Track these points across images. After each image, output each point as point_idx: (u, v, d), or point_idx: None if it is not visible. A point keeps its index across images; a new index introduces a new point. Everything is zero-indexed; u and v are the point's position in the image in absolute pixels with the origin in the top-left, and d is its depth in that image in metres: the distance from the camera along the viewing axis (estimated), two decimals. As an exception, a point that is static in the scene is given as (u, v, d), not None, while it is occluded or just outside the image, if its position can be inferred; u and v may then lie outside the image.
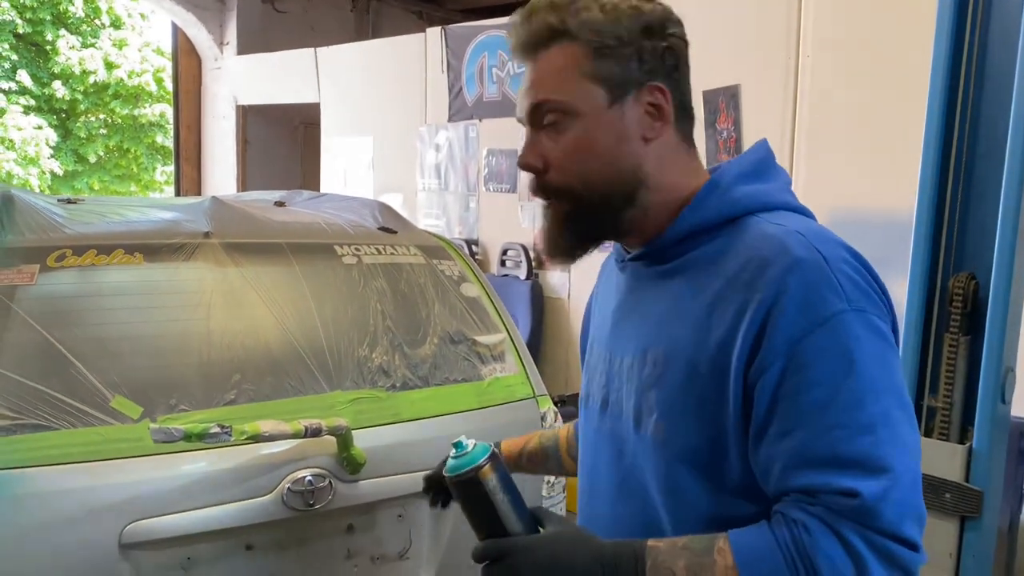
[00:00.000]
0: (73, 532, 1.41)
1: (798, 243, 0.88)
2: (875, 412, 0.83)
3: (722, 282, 0.91)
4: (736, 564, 0.83)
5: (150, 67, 13.38)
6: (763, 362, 0.85)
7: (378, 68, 5.63)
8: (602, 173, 0.96)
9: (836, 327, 0.84)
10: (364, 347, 1.79)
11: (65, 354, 1.51)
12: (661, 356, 0.95)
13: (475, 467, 0.92)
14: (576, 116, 0.95)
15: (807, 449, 0.83)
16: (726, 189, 0.96)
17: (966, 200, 1.78)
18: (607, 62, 0.94)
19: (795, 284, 0.85)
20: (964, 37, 1.76)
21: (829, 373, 0.83)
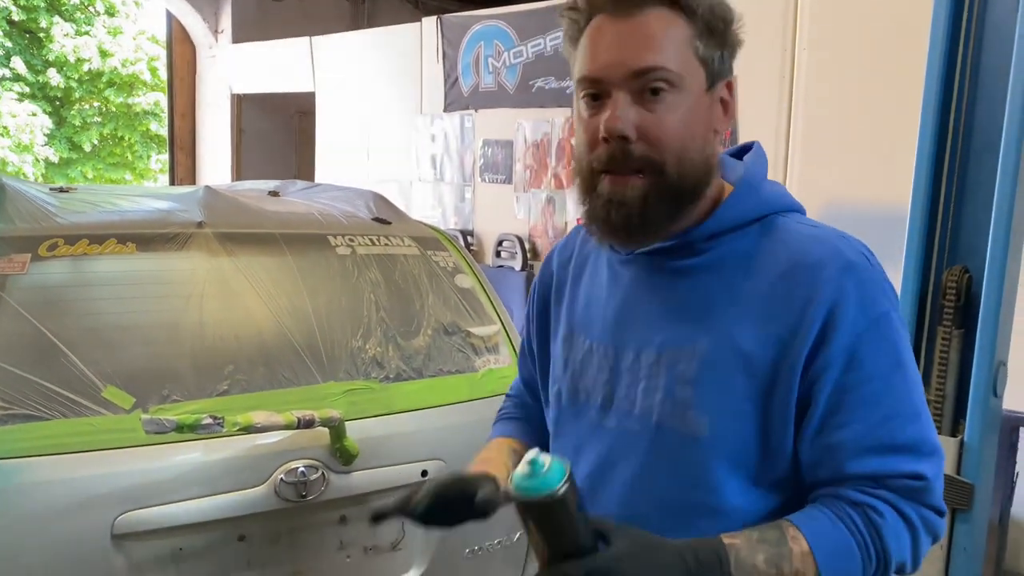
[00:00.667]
0: (65, 523, 1.41)
1: (847, 246, 0.93)
2: (917, 400, 0.92)
3: (772, 278, 0.92)
4: (812, 550, 0.86)
5: (144, 55, 13.31)
6: (827, 360, 0.89)
7: (374, 57, 5.61)
8: (693, 158, 0.92)
9: (885, 326, 0.91)
10: (358, 338, 1.79)
11: (57, 344, 1.51)
12: (703, 351, 0.93)
13: (562, 486, 0.79)
14: (682, 92, 0.91)
15: (869, 438, 0.89)
16: (757, 189, 0.98)
17: (960, 194, 1.78)
18: (711, 45, 0.93)
19: (851, 285, 0.90)
20: (960, 32, 1.76)
21: (882, 368, 0.90)
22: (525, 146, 4.66)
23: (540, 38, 4.51)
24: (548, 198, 4.56)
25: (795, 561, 0.86)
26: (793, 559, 0.86)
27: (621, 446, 0.99)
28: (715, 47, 0.93)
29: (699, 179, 0.93)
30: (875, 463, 0.89)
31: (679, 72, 0.90)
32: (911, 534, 0.90)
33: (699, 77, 0.92)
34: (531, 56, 4.58)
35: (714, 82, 0.94)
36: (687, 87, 0.91)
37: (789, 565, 0.86)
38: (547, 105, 4.50)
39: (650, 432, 0.96)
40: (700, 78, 0.92)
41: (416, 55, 5.24)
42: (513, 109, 4.69)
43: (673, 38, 0.90)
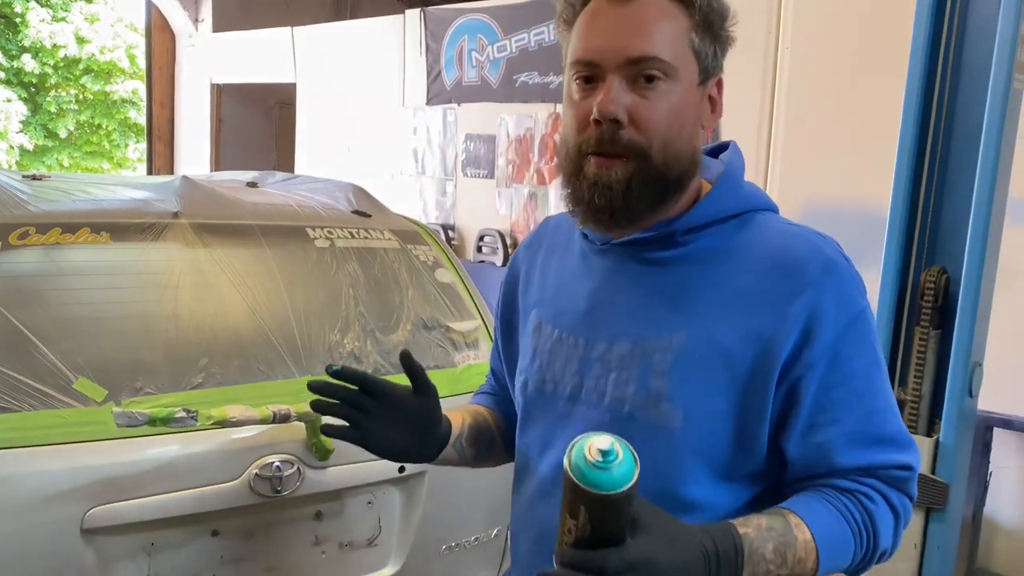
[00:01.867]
0: (33, 517, 1.38)
1: (826, 245, 0.95)
2: (892, 395, 0.96)
3: (753, 275, 0.93)
4: (814, 537, 0.89)
5: (122, 43, 13.14)
6: (811, 358, 0.91)
7: (356, 49, 5.57)
8: (681, 148, 0.93)
9: (863, 323, 0.93)
10: (336, 332, 1.77)
11: (27, 334, 1.48)
12: (680, 343, 0.93)
13: (633, 483, 0.76)
14: (675, 83, 0.91)
15: (858, 433, 0.92)
16: (738, 185, 0.99)
17: (939, 196, 1.79)
18: (706, 40, 0.93)
19: (832, 285, 0.91)
20: (941, 35, 1.77)
21: (863, 364, 0.93)
22: (508, 141, 4.64)
23: (524, 33, 4.50)
24: (530, 193, 4.55)
25: (799, 549, 0.88)
26: (797, 547, 0.88)
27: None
28: (710, 42, 0.93)
29: (684, 170, 0.94)
30: (866, 455, 0.92)
31: (674, 63, 0.90)
32: (895, 521, 0.94)
33: (692, 70, 0.92)
34: (515, 51, 4.56)
35: (706, 77, 0.94)
36: (680, 78, 0.91)
37: (793, 553, 0.87)
38: (530, 100, 4.49)
39: (621, 422, 0.95)
40: (693, 71, 0.92)
41: (399, 48, 5.21)
42: (496, 104, 4.68)
43: (670, 28, 0.90)
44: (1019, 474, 2.84)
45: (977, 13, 1.74)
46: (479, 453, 1.20)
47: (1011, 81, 1.67)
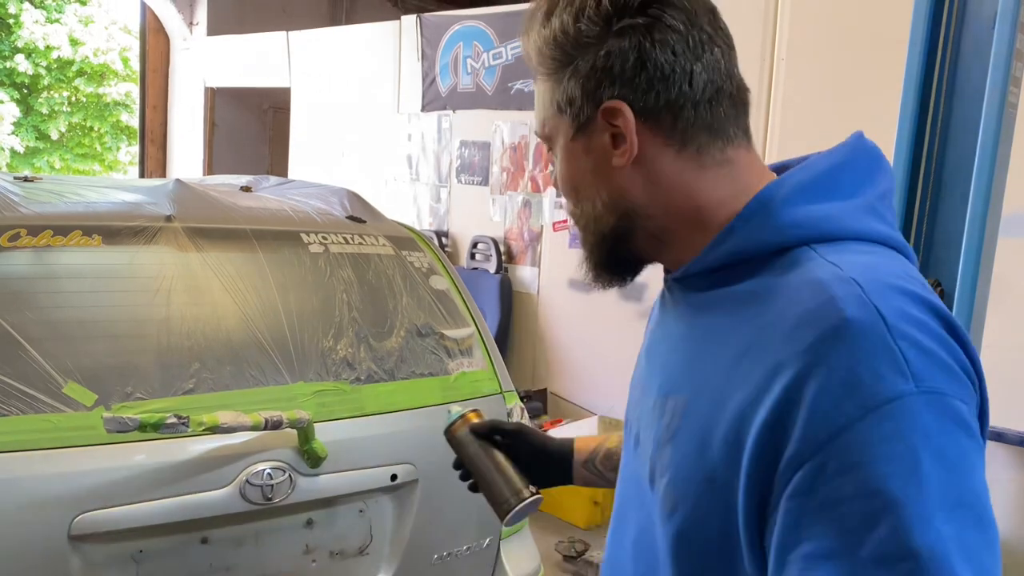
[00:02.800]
0: (20, 522, 1.36)
1: (849, 295, 0.65)
2: (945, 535, 0.59)
3: (754, 332, 0.70)
4: None
5: (116, 45, 13.09)
6: (796, 456, 0.63)
7: (351, 55, 5.57)
8: (586, 208, 0.83)
9: (896, 415, 0.61)
10: (329, 338, 1.76)
11: (17, 337, 1.46)
12: (680, 408, 0.76)
13: (449, 424, 1.18)
14: (557, 148, 0.84)
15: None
16: (777, 210, 0.74)
17: (934, 209, 1.79)
18: (557, 89, 0.81)
19: (838, 354, 0.63)
20: (937, 47, 1.77)
21: (884, 478, 0.60)
22: (502, 148, 4.64)
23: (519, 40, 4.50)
24: (524, 201, 4.55)
25: None
26: None
27: (635, 493, 0.86)
28: (561, 87, 0.80)
29: (607, 226, 0.82)
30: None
31: (548, 132, 0.85)
32: None
33: (563, 127, 0.82)
34: (510, 58, 4.56)
35: (583, 124, 0.80)
36: (557, 142, 0.84)
37: None
38: (525, 107, 4.49)
39: (647, 488, 0.81)
40: (564, 127, 0.82)
41: (394, 53, 5.21)
42: (491, 111, 4.68)
43: (540, 97, 0.85)
44: (1012, 487, 2.85)
45: (973, 26, 1.74)
46: (610, 475, 1.21)
47: (1006, 95, 1.67)
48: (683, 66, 0.76)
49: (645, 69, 0.76)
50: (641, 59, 0.75)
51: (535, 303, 4.46)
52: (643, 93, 0.76)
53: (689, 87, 0.77)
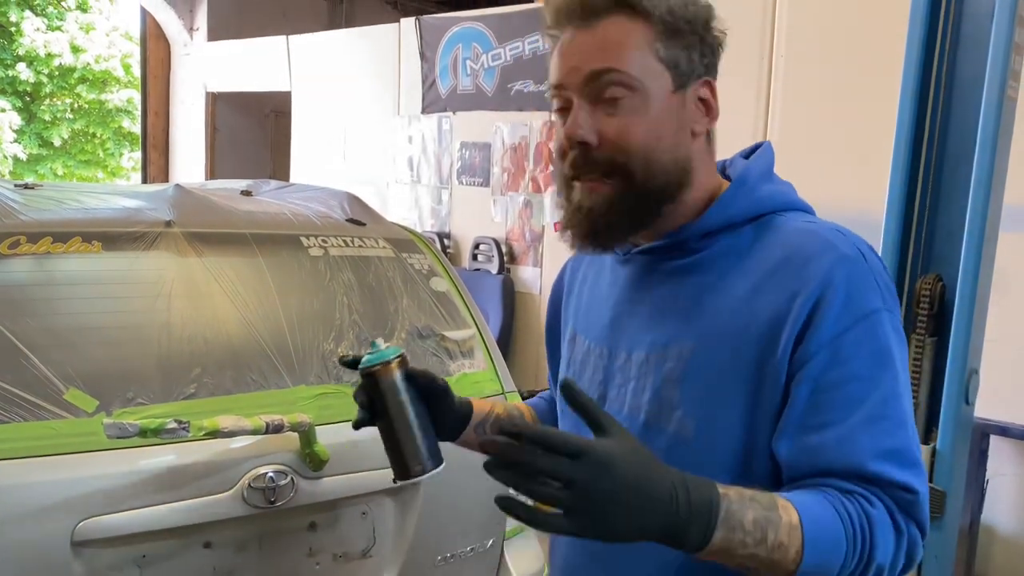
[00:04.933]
0: (23, 529, 1.36)
1: (841, 240, 0.90)
2: (906, 409, 0.88)
3: (760, 275, 0.91)
4: (801, 524, 0.81)
5: (117, 52, 13.13)
6: (806, 353, 0.86)
7: (351, 58, 5.57)
8: (661, 160, 0.92)
9: (875, 325, 0.87)
10: (329, 341, 1.76)
11: (17, 344, 1.46)
12: (689, 350, 0.92)
13: (383, 362, 1.03)
14: (643, 95, 0.91)
15: (854, 439, 0.85)
16: (752, 188, 0.97)
17: (934, 203, 1.79)
18: (676, 47, 0.92)
19: (840, 279, 0.87)
20: (935, 42, 1.77)
21: (867, 367, 0.86)
22: (503, 149, 4.64)
23: (518, 41, 4.50)
24: (525, 201, 4.55)
25: (782, 531, 0.80)
26: (780, 528, 0.80)
27: None
28: (681, 48, 0.93)
29: (668, 181, 0.93)
30: (863, 463, 0.84)
31: (637, 75, 0.91)
32: (896, 538, 0.86)
33: (663, 79, 0.92)
34: (509, 59, 4.56)
35: (685, 83, 0.93)
36: (648, 90, 0.91)
37: (775, 533, 0.80)
38: (525, 108, 4.49)
39: (637, 431, 0.95)
40: (665, 80, 0.92)
41: (394, 56, 5.21)
42: (491, 112, 4.68)
43: (631, 43, 0.91)
44: (1016, 481, 2.84)
45: (971, 21, 1.74)
46: None
47: (1005, 89, 1.67)
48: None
49: (717, 67, 0.97)
50: (717, 58, 0.97)
51: (537, 303, 4.46)
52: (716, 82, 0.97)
53: None
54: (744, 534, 0.79)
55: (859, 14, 3.05)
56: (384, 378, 1.04)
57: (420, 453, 1.03)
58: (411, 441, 1.03)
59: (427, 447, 1.03)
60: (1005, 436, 2.74)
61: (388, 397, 1.03)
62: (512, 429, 0.75)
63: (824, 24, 3.17)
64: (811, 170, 3.17)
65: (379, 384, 1.04)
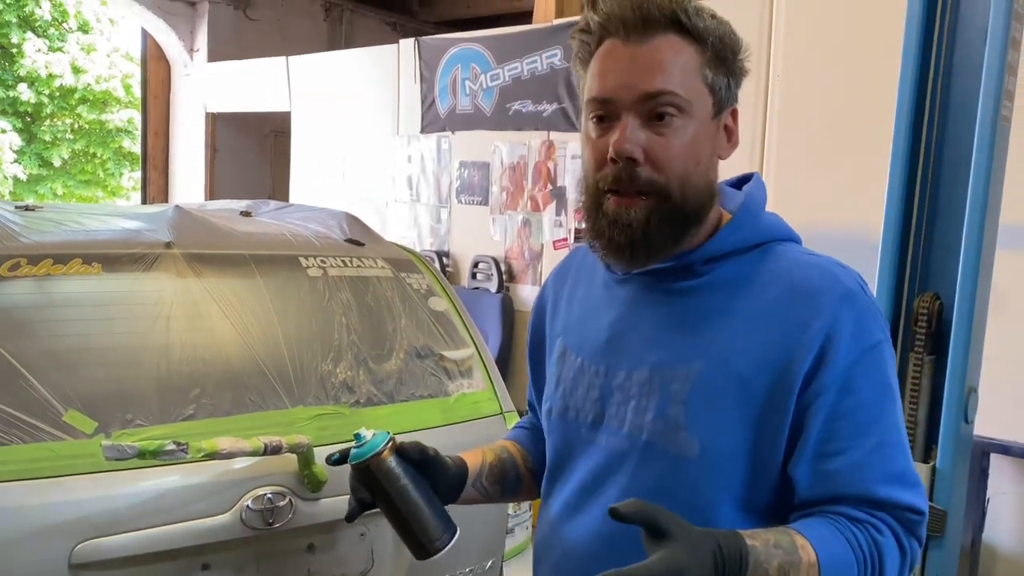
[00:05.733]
0: (20, 552, 1.36)
1: (844, 274, 0.95)
2: (904, 432, 0.94)
3: (768, 302, 0.94)
4: (818, 561, 0.87)
5: (118, 72, 13.20)
6: (821, 384, 0.90)
7: (350, 78, 5.60)
8: (698, 181, 0.95)
9: (878, 355, 0.93)
10: (328, 362, 1.76)
11: (16, 366, 1.46)
12: (697, 372, 0.94)
13: (375, 452, 1.02)
14: (690, 117, 0.93)
15: (866, 465, 0.90)
16: (757, 216, 1.01)
17: (931, 221, 1.80)
18: (720, 73, 0.96)
19: (848, 313, 0.92)
20: (930, 61, 1.78)
21: (875, 397, 0.92)
22: (501, 168, 4.66)
23: (517, 62, 4.53)
24: (524, 220, 4.56)
25: (802, 571, 0.86)
26: (801, 568, 0.86)
27: (610, 464, 1.00)
28: (723, 75, 0.96)
29: (702, 202, 0.96)
30: (874, 489, 0.90)
31: (688, 98, 0.93)
32: (901, 559, 0.93)
33: (706, 104, 0.95)
34: (508, 79, 4.59)
35: (720, 109, 0.97)
36: (694, 113, 0.93)
37: (796, 573, 0.86)
38: (524, 128, 4.51)
39: (639, 451, 0.97)
40: (707, 105, 0.95)
41: (393, 76, 5.24)
42: (490, 131, 4.70)
43: (683, 65, 0.93)
44: (1017, 500, 2.82)
45: (965, 42, 1.75)
46: (505, 490, 1.23)
47: (999, 108, 1.68)
48: None
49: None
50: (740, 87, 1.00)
51: (537, 322, 4.45)
52: None
53: None
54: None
55: (855, 34, 3.07)
56: (380, 468, 1.03)
57: (434, 529, 1.03)
58: (422, 520, 1.03)
59: (437, 521, 1.04)
60: (1006, 455, 2.73)
61: (387, 485, 1.03)
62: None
63: (820, 43, 3.20)
64: (808, 189, 3.18)
65: (375, 475, 1.03)
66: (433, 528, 1.03)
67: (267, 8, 6.93)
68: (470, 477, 1.17)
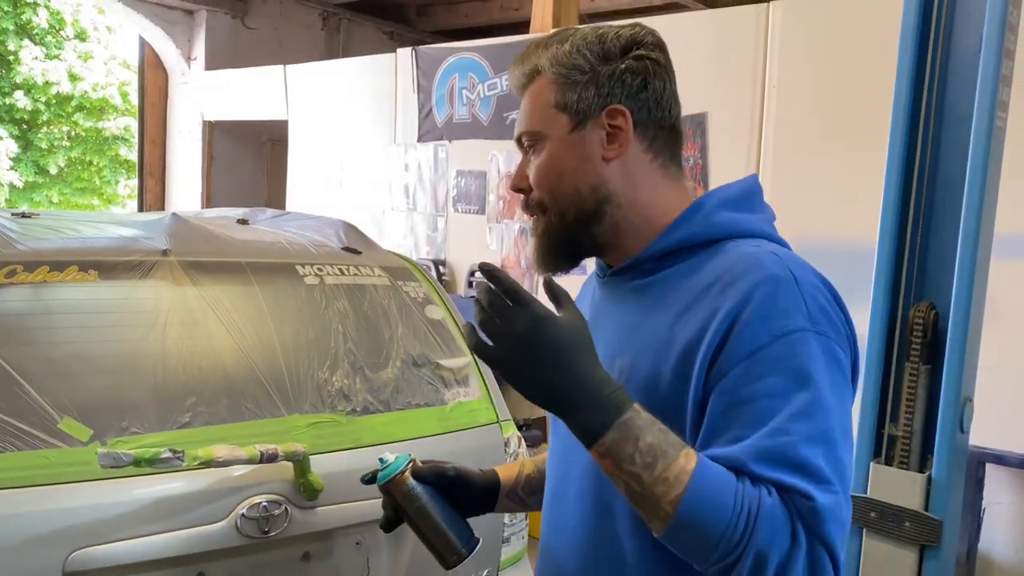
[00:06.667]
0: (14, 560, 1.35)
1: (771, 261, 0.93)
2: (821, 428, 0.86)
3: (691, 295, 0.95)
4: (693, 472, 0.83)
5: (115, 80, 13.21)
6: (722, 367, 0.88)
7: (348, 87, 5.61)
8: (566, 191, 1.03)
9: (794, 343, 0.88)
10: (324, 370, 1.76)
11: (12, 373, 1.46)
12: (627, 366, 0.98)
13: (391, 477, 1.15)
14: (546, 141, 1.04)
15: (761, 449, 0.84)
16: (709, 213, 1.02)
17: (926, 230, 1.80)
18: (568, 91, 1.03)
19: (761, 296, 0.89)
20: (925, 70, 1.79)
21: (782, 385, 0.86)
22: (498, 177, 4.67)
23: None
24: (521, 229, 4.57)
25: (672, 468, 0.83)
26: (672, 465, 0.83)
27: (580, 458, 1.01)
28: (572, 91, 1.02)
29: (582, 208, 1.02)
30: (768, 470, 0.83)
31: (537, 129, 1.04)
32: (790, 548, 0.82)
33: (559, 123, 1.03)
34: (505, 89, 4.61)
35: (584, 119, 1.02)
36: (548, 135, 1.03)
37: (664, 466, 0.83)
38: (520, 137, 4.53)
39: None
40: (561, 123, 1.03)
41: (390, 85, 5.25)
42: (487, 140, 4.71)
43: (533, 102, 1.06)
44: (1013, 510, 2.83)
45: (959, 53, 1.77)
46: (536, 497, 1.27)
47: (994, 119, 1.69)
48: (668, 96, 1.05)
49: (645, 89, 1.02)
50: (645, 81, 1.02)
51: (533, 331, 4.45)
52: (640, 107, 1.02)
53: (668, 114, 1.04)
54: (635, 450, 0.84)
55: (850, 44, 3.09)
56: (398, 490, 1.16)
57: (453, 542, 1.14)
58: (440, 534, 1.14)
59: (457, 534, 1.14)
60: (1001, 464, 2.74)
61: (407, 504, 1.16)
62: (489, 268, 0.91)
63: (816, 53, 3.21)
64: (804, 200, 3.19)
65: (395, 495, 1.16)
66: (452, 541, 1.13)
67: (265, 17, 6.95)
68: (503, 489, 1.25)
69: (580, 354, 0.88)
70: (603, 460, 0.87)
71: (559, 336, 0.88)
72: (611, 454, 0.86)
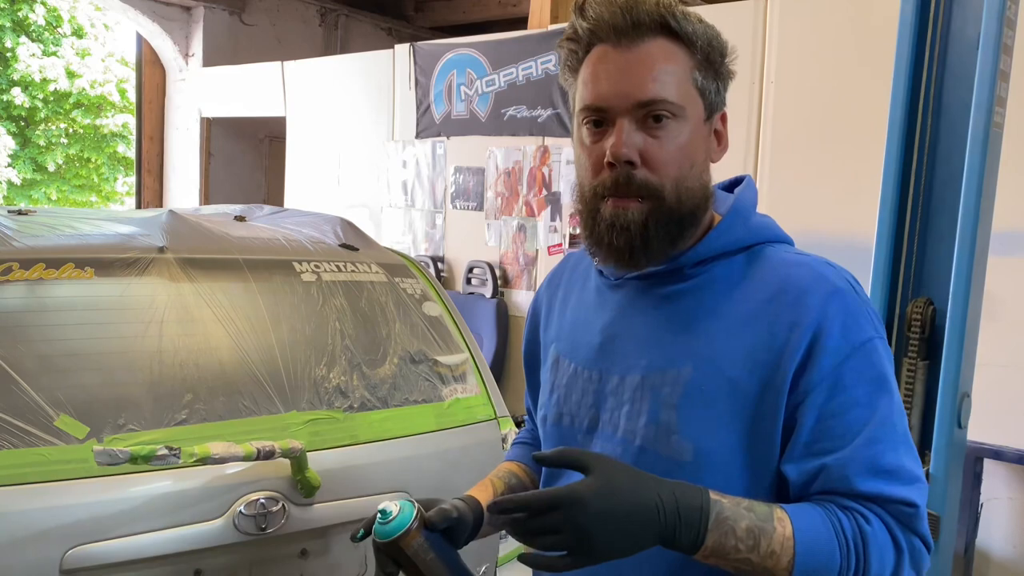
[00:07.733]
0: (11, 557, 1.35)
1: (832, 273, 0.95)
2: (902, 430, 0.92)
3: (756, 303, 0.94)
4: (795, 535, 0.86)
5: (113, 77, 13.18)
6: (809, 383, 0.90)
7: (345, 83, 5.60)
8: (693, 184, 0.96)
9: (870, 352, 0.91)
10: (321, 367, 1.75)
11: (8, 371, 1.46)
12: (687, 375, 0.94)
13: (403, 532, 0.98)
14: (683, 121, 0.94)
15: (856, 461, 0.89)
16: (746, 218, 1.01)
17: (924, 227, 1.80)
18: (709, 77, 0.96)
19: (836, 311, 0.91)
20: (922, 66, 1.79)
21: (866, 394, 0.90)
22: (496, 173, 4.66)
23: (512, 67, 4.54)
24: (519, 225, 4.56)
25: (775, 541, 0.86)
26: (774, 539, 0.86)
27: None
28: (712, 79, 0.96)
29: (696, 205, 0.96)
30: (865, 483, 0.89)
31: (680, 103, 0.93)
32: (896, 557, 0.90)
33: (698, 107, 0.95)
34: (503, 85, 4.60)
35: (711, 113, 0.97)
36: (687, 116, 0.94)
37: (767, 543, 0.85)
38: (519, 133, 4.52)
39: (632, 456, 0.96)
40: (699, 108, 0.96)
41: (388, 82, 5.25)
42: (485, 137, 4.70)
43: (674, 69, 0.93)
44: (1011, 505, 2.83)
45: (957, 49, 1.76)
46: None
47: (991, 115, 1.69)
48: None
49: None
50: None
51: (531, 327, 4.45)
52: None
53: None
54: (736, 540, 0.85)
55: (848, 41, 3.09)
56: (410, 546, 0.99)
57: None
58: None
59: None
60: (999, 460, 2.74)
61: (418, 560, 1.00)
62: (498, 508, 0.85)
63: (814, 50, 3.21)
64: (802, 196, 3.19)
65: (405, 551, 1.00)
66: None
67: (262, 13, 6.93)
68: (486, 515, 1.15)
69: (637, 495, 0.84)
70: (709, 559, 0.87)
71: (606, 501, 0.83)
72: (715, 554, 0.86)
